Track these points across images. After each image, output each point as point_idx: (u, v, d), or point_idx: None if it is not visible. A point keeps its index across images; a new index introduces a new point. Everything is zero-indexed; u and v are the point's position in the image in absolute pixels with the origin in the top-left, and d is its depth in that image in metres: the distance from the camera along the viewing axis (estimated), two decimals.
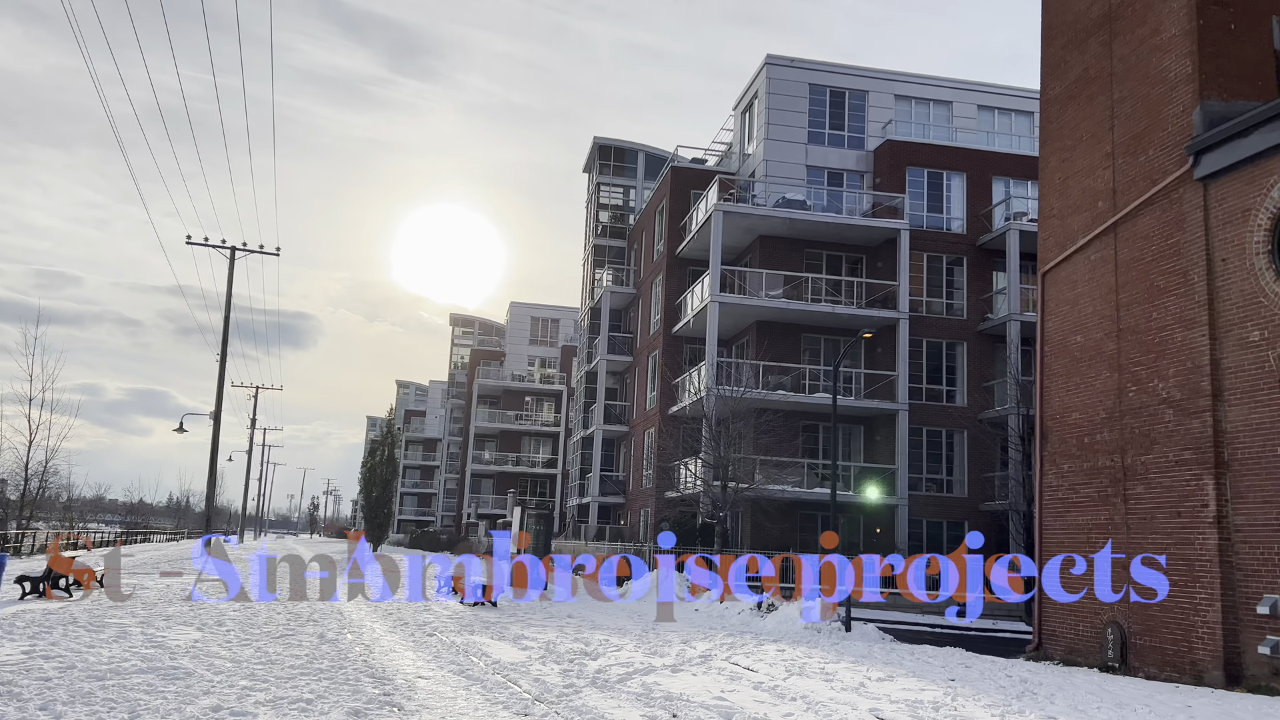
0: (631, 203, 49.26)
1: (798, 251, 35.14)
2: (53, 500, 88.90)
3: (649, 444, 40.48)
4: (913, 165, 35.83)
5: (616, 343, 45.66)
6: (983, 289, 35.28)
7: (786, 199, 34.42)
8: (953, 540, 34.01)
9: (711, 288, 32.80)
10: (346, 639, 12.25)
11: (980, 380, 34.61)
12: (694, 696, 8.74)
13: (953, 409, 34.55)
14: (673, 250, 38.71)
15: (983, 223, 35.63)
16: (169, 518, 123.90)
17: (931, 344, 34.87)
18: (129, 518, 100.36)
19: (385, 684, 8.83)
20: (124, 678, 8.42)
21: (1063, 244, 16.84)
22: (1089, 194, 16.24)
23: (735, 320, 34.62)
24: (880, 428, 34.09)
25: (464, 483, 74.18)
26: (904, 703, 8.92)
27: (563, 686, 9.00)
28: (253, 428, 71.51)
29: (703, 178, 39.41)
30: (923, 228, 35.22)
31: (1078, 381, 16.08)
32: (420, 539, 72.46)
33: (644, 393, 41.82)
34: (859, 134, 37.05)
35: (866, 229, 33.95)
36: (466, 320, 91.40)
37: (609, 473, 45.47)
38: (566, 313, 78.47)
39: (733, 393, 30.08)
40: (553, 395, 74.14)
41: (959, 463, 34.46)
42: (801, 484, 32.19)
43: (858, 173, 36.83)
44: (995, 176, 36.26)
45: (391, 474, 54.44)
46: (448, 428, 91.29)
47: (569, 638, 13.53)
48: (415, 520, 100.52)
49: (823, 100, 36.88)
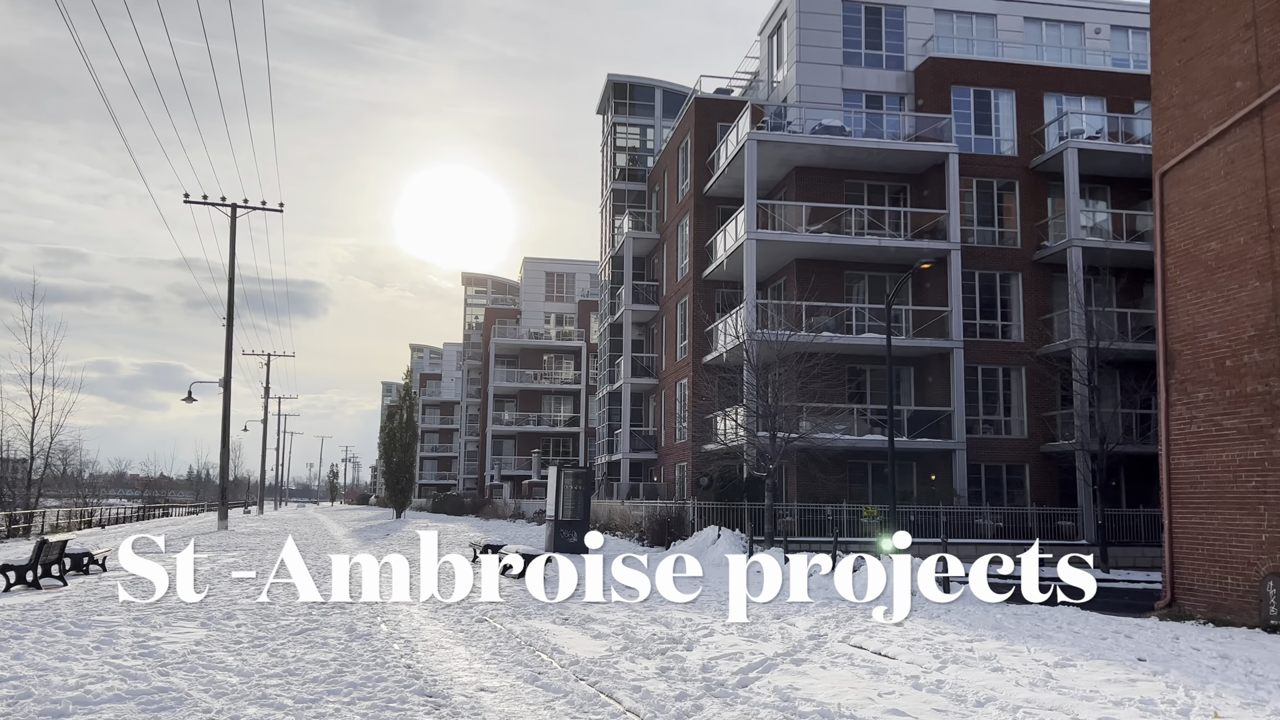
0: (649, 144, 46.64)
1: (836, 183, 32.61)
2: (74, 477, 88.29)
3: (681, 396, 38.33)
4: (958, 84, 33.12)
5: (641, 292, 43.33)
6: (1037, 215, 32.74)
7: (824, 125, 31.79)
8: (1013, 485, 31.88)
9: (747, 224, 30.36)
10: (381, 632, 10.19)
11: (1037, 313, 32.21)
12: (855, 709, 6.61)
13: (1008, 345, 32.21)
14: (700, 189, 36.22)
15: (1035, 143, 32.98)
16: (189, 490, 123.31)
17: (984, 276, 32.45)
18: (147, 492, 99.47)
19: (440, 705, 6.72)
20: (90, 713, 6.34)
21: (1187, 137, 14.41)
22: (1222, 74, 13.78)
23: (772, 259, 32.23)
24: (932, 368, 31.79)
25: (485, 445, 72.40)
26: (1134, 704, 6.77)
27: (673, 698, 6.87)
28: (266, 396, 69.72)
29: (730, 109, 36.77)
30: (970, 151, 32.62)
31: (1214, 295, 13.75)
32: (444, 503, 70.86)
33: (673, 342, 39.57)
34: (897, 53, 34.30)
35: (912, 154, 31.36)
36: (479, 279, 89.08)
37: (638, 428, 43.40)
38: (582, 266, 76.03)
39: (776, 336, 27.78)
40: (572, 352, 71.99)
41: (1016, 402, 32.19)
42: (851, 431, 30.01)
43: (897, 95, 34.15)
44: (1047, 93, 33.52)
45: (412, 438, 52.56)
46: (465, 389, 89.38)
47: (643, 617, 11.45)
48: (436, 484, 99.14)
49: (857, 17, 34.10)
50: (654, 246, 43.71)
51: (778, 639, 9.80)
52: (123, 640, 9.32)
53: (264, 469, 78.49)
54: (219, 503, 39.35)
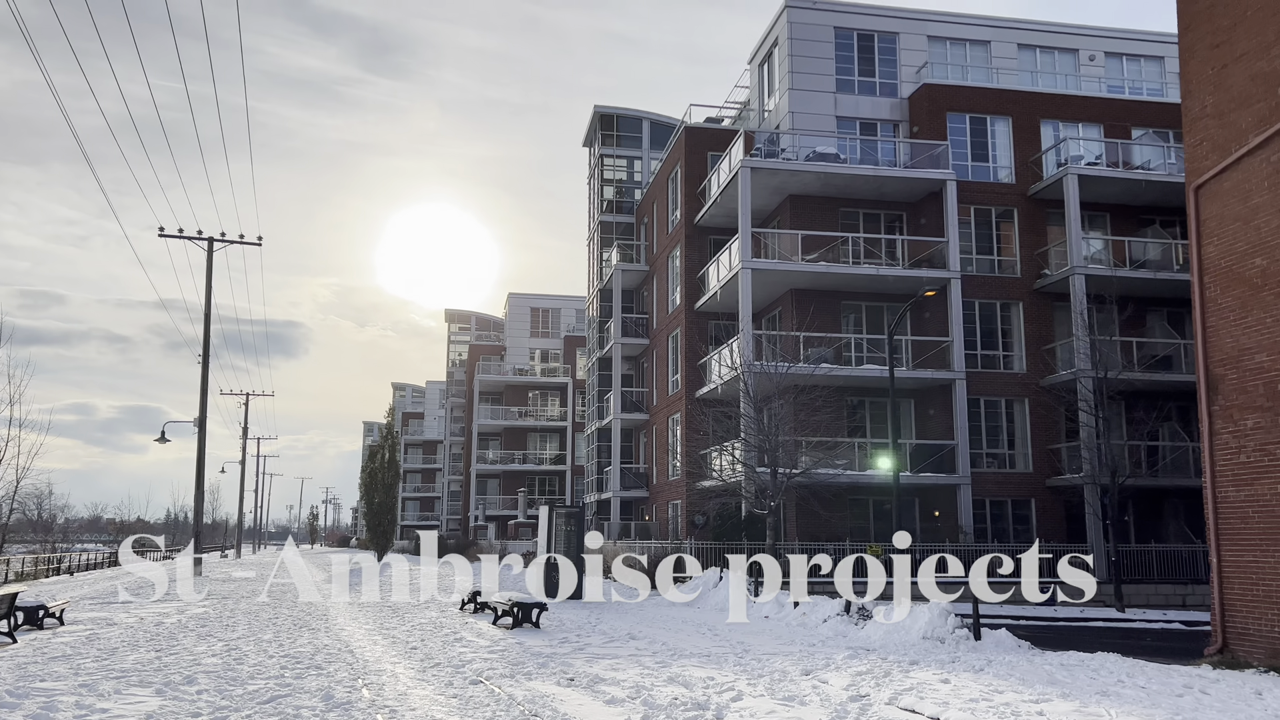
0: (637, 175, 45.90)
1: (831, 211, 31.82)
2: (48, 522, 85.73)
3: (674, 431, 37.19)
4: (953, 110, 32.51)
5: (630, 325, 42.32)
6: (1036, 243, 32.02)
7: (818, 152, 31.05)
8: (1018, 520, 30.81)
9: (742, 253, 29.45)
10: (363, 699, 8.93)
11: (1039, 343, 31.37)
12: None
13: (1010, 376, 31.32)
14: (691, 219, 35.38)
15: (1033, 170, 32.36)
16: (165, 534, 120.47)
17: (984, 306, 31.62)
18: (120, 536, 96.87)
19: None
20: None
21: (1224, 147, 13.56)
22: (1262, 80, 12.96)
23: (767, 290, 31.31)
24: (932, 400, 30.82)
25: (469, 484, 70.80)
26: None
27: None
28: (245, 436, 67.95)
29: (720, 138, 36.06)
30: (967, 179, 31.93)
31: (1261, 315, 12.81)
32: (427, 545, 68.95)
33: (665, 376, 38.51)
34: (891, 79, 33.72)
35: (909, 181, 30.61)
36: (463, 316, 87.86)
37: (629, 465, 42.17)
38: (567, 302, 75.05)
39: (774, 368, 26.75)
40: (557, 388, 70.76)
41: (1020, 435, 31.23)
42: (852, 466, 28.94)
43: (891, 122, 33.51)
44: (1044, 119, 32.98)
45: (394, 478, 50.96)
46: (448, 428, 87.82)
47: (657, 676, 10.23)
48: (419, 525, 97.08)
49: (850, 44, 33.53)
50: (643, 279, 42.79)
51: (815, 701, 8.62)
52: (61, 714, 8.05)
53: (241, 511, 76.47)
54: (194, 547, 37.71)
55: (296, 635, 14.31)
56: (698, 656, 11.95)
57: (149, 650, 12.36)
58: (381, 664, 11.31)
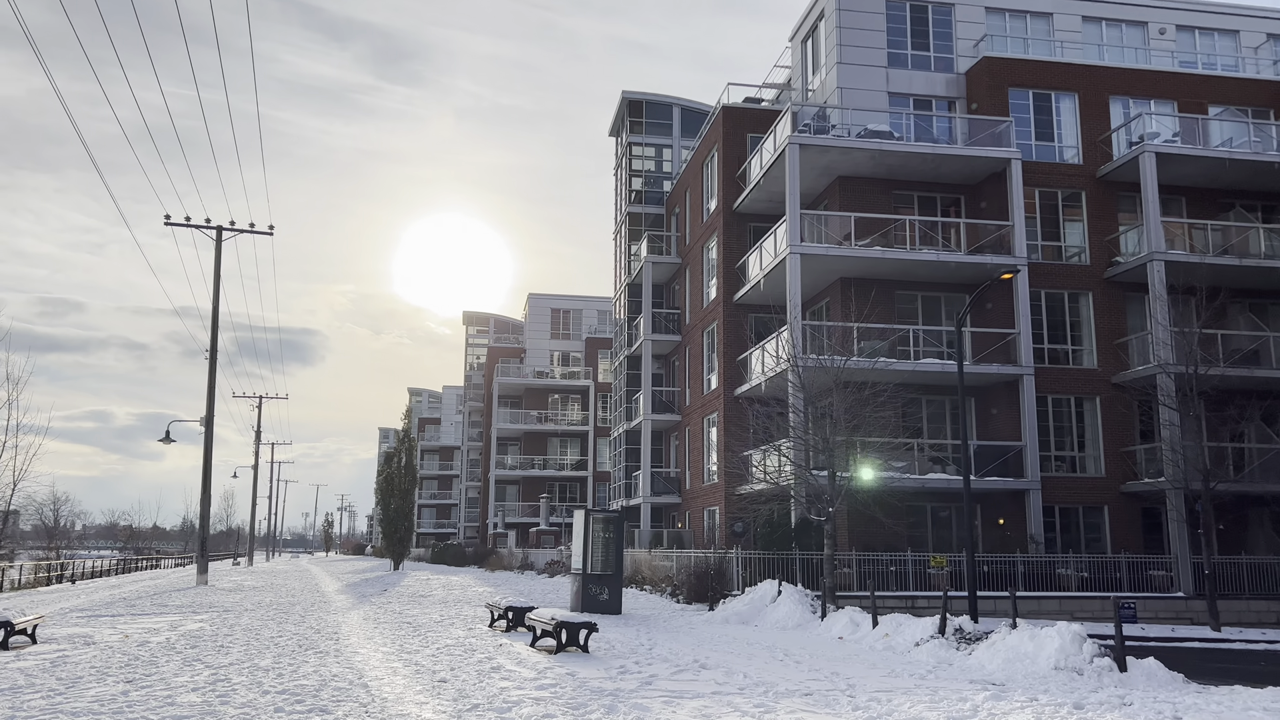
0: (666, 165, 43.63)
1: (884, 194, 29.42)
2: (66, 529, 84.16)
3: (709, 433, 34.80)
4: (1015, 86, 30.09)
5: (661, 321, 39.99)
6: (1107, 229, 29.53)
7: (870, 129, 28.67)
8: (1090, 529, 28.25)
9: (790, 237, 27.07)
10: None
11: (1111, 336, 28.86)
12: None
13: (1079, 371, 28.83)
14: (729, 205, 33.05)
15: (1101, 150, 29.89)
16: (179, 540, 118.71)
17: (1050, 296, 29.14)
18: (133, 543, 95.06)
19: None
20: None
21: None
22: None
23: (815, 278, 28.91)
24: (996, 398, 28.35)
25: (487, 490, 68.54)
26: None
27: None
28: (258, 440, 65.96)
29: (761, 118, 33.75)
30: (1030, 159, 29.50)
31: None
32: (444, 553, 66.73)
33: (699, 375, 36.13)
34: (947, 54, 31.32)
35: (969, 161, 28.19)
36: (481, 319, 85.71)
37: (659, 469, 39.78)
38: (588, 303, 72.85)
39: (828, 361, 24.28)
40: (579, 391, 68.48)
41: (1091, 435, 28.69)
42: (911, 469, 26.48)
43: (947, 99, 31.10)
44: (1113, 96, 30.51)
45: (411, 483, 48.80)
46: (466, 433, 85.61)
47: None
48: (435, 533, 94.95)
49: (902, 15, 31.17)
50: (674, 272, 40.48)
51: None
52: None
53: (254, 517, 74.49)
54: (199, 554, 35.55)
55: (300, 661, 12.01)
56: (798, 695, 9.57)
57: (118, 681, 10.07)
58: (404, 704, 8.98)
